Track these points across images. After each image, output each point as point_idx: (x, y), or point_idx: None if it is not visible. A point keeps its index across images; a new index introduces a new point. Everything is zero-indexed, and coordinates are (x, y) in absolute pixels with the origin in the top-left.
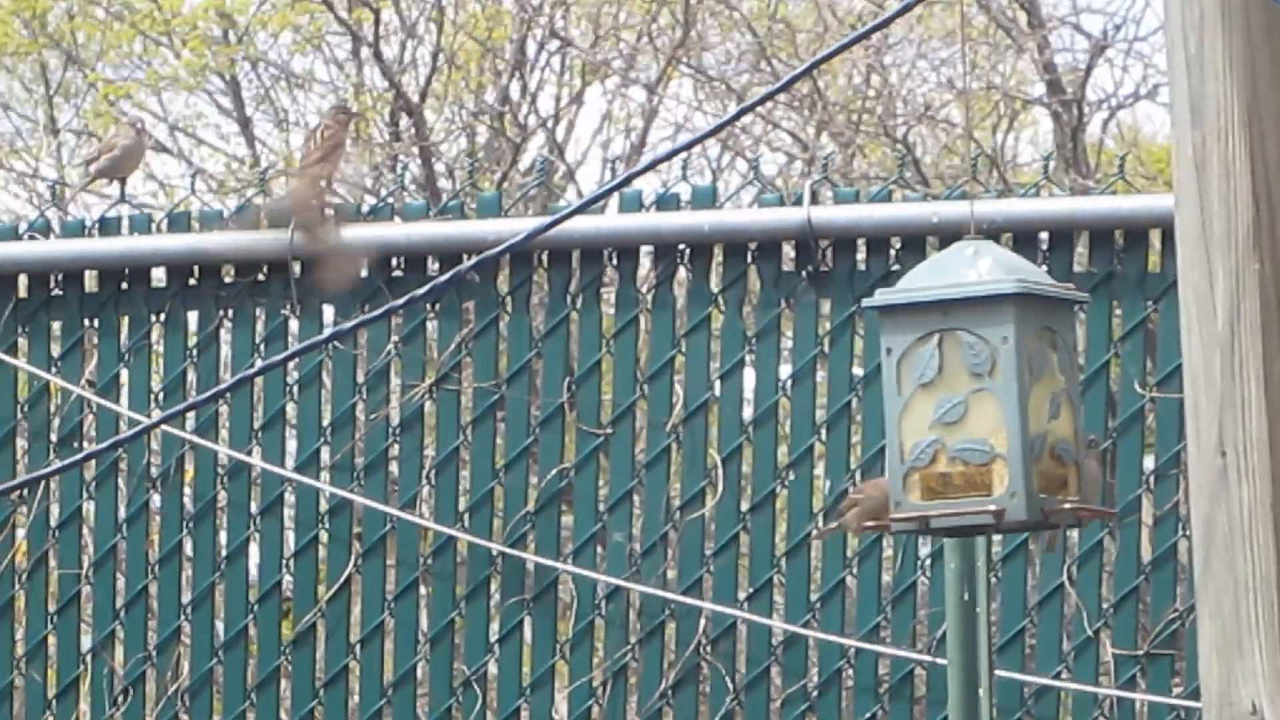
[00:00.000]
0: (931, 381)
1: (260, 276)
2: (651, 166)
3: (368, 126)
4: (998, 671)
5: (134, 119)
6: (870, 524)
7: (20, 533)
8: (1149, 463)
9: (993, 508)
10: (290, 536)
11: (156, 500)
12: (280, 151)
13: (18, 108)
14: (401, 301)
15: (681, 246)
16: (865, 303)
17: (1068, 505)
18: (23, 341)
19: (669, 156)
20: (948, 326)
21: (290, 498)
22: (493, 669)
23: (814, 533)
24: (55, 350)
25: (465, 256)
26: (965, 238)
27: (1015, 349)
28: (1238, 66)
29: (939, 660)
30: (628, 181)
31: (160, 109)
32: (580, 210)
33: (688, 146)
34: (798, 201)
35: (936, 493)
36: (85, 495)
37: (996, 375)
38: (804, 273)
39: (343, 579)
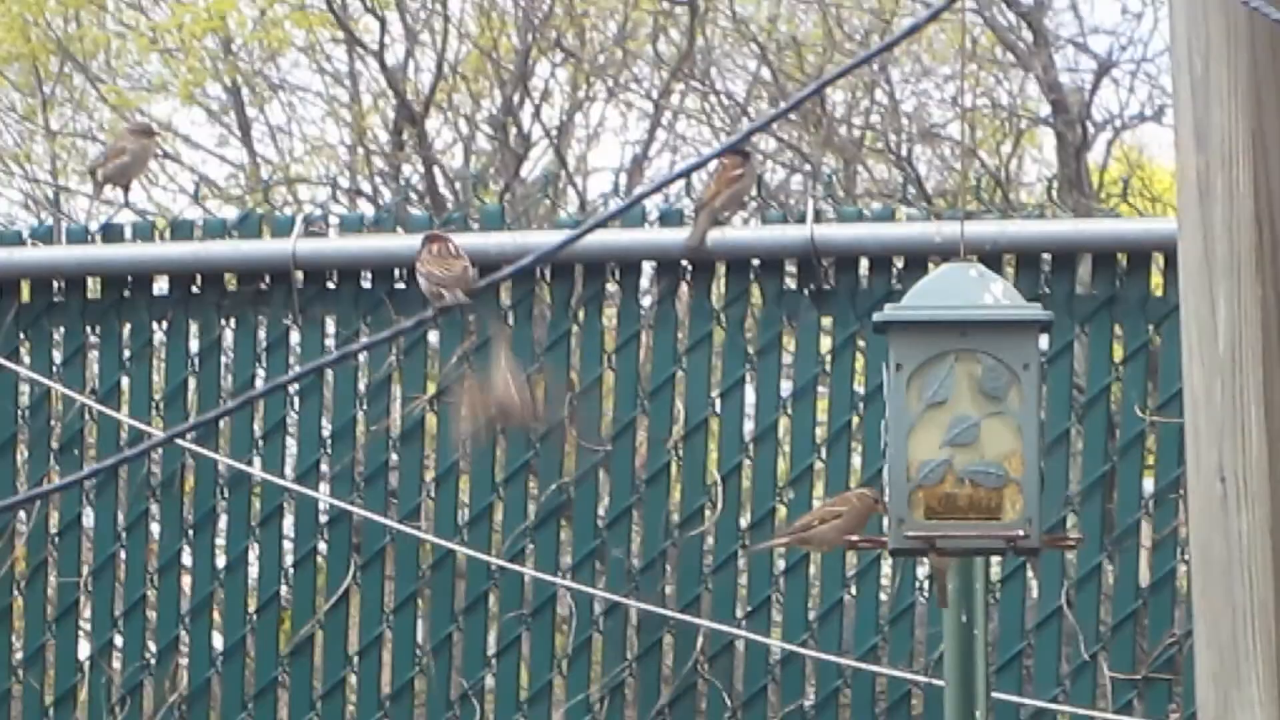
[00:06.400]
0: (944, 401)
1: (263, 285)
2: (660, 187)
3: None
4: (995, 693)
5: (142, 124)
6: (856, 539)
7: (19, 540)
8: (1149, 485)
9: (1009, 532)
10: (289, 547)
11: (156, 509)
12: (278, 164)
13: (13, 110)
14: (409, 324)
15: (684, 262)
16: (875, 317)
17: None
18: (24, 348)
19: (677, 177)
20: (966, 348)
21: (290, 508)
22: (490, 683)
23: (747, 545)
24: (57, 357)
25: None
26: (953, 259)
27: (1035, 376)
28: (1243, 92)
29: (936, 681)
30: (637, 202)
31: (162, 116)
32: (589, 231)
33: (695, 167)
34: (801, 219)
35: (938, 513)
36: (85, 503)
37: (1013, 400)
38: (806, 290)
39: (341, 590)
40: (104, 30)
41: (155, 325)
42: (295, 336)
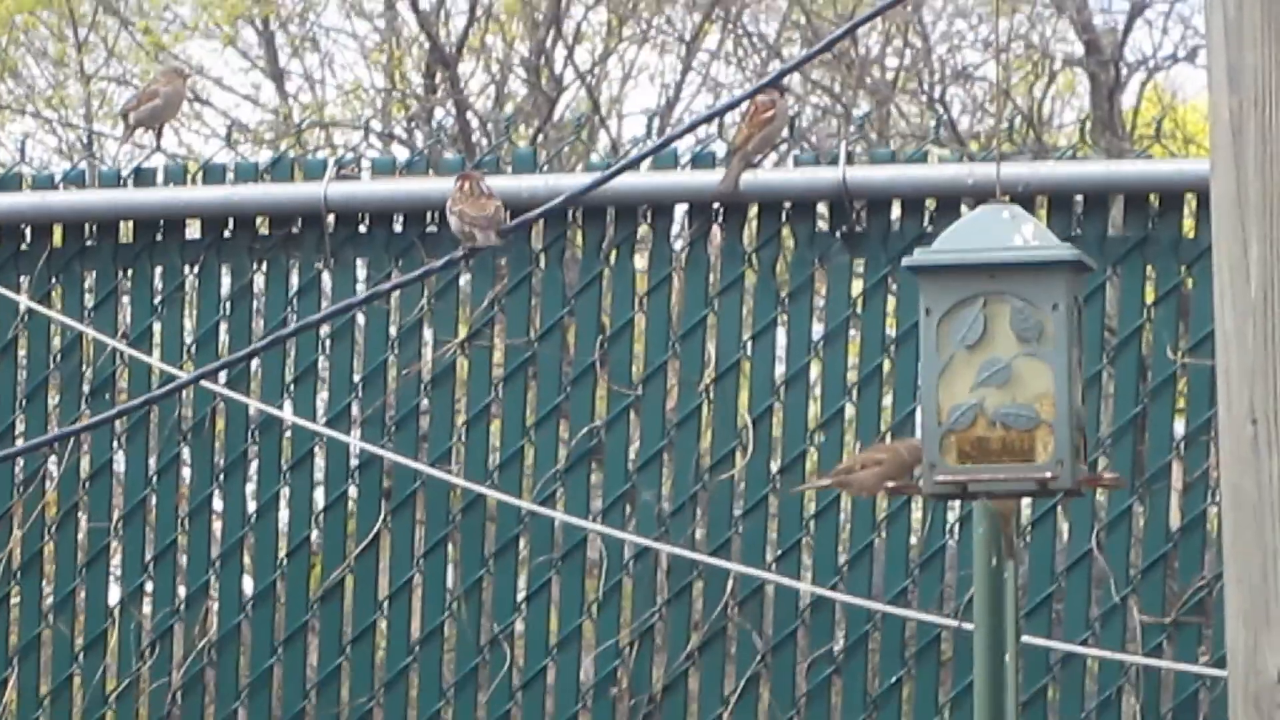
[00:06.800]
0: (975, 344)
1: (294, 229)
2: (692, 128)
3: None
4: (1024, 637)
5: (176, 67)
6: (893, 485)
7: (50, 485)
8: (1179, 427)
9: (1039, 475)
10: (320, 491)
11: (187, 453)
12: (311, 106)
13: (45, 55)
14: (439, 264)
15: (716, 205)
16: (905, 262)
17: (1106, 475)
18: (56, 292)
19: (710, 118)
20: (995, 290)
21: (320, 452)
22: (520, 627)
23: (788, 486)
24: (89, 300)
25: None
26: (990, 201)
27: (1065, 316)
28: (1276, 33)
29: (966, 625)
30: (667, 144)
31: (193, 59)
32: (620, 172)
33: (728, 108)
34: (833, 161)
35: (971, 456)
36: (115, 447)
37: (1046, 342)
38: (838, 233)
39: (371, 535)
40: None
41: (187, 269)
42: (327, 280)
